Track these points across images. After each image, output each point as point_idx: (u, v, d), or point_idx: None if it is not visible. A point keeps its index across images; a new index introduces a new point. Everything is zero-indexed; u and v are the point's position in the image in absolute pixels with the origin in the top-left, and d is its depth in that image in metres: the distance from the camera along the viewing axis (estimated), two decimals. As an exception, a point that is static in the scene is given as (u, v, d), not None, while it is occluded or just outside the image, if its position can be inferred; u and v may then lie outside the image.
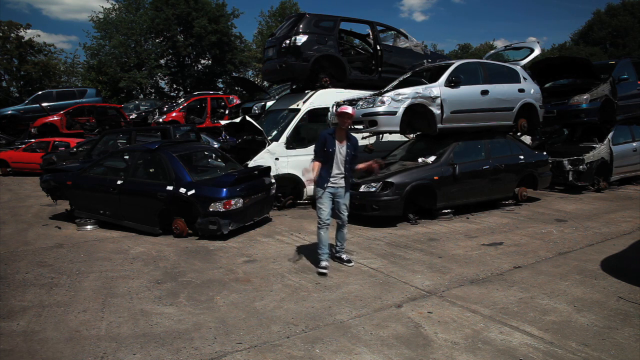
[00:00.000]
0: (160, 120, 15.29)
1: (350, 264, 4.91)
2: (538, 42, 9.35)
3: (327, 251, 4.78)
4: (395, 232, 6.39)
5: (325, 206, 4.73)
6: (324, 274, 4.61)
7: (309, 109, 8.50)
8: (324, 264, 4.71)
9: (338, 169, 4.73)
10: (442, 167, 7.06)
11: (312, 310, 3.77)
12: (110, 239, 6.27)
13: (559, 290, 4.09)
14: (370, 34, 10.07)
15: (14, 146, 15.61)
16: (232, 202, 5.98)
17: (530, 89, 8.46)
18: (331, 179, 4.74)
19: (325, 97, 8.60)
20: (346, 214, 4.92)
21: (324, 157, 4.71)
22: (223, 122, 10.88)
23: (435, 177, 6.92)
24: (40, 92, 20.25)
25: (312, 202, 8.39)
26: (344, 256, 5.01)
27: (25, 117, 18.09)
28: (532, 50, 9.11)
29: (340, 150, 4.71)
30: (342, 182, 4.80)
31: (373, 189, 6.69)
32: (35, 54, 32.81)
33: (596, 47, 42.37)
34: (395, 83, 8.26)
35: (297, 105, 8.57)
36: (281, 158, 8.00)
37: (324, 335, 3.33)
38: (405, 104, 6.96)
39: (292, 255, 5.34)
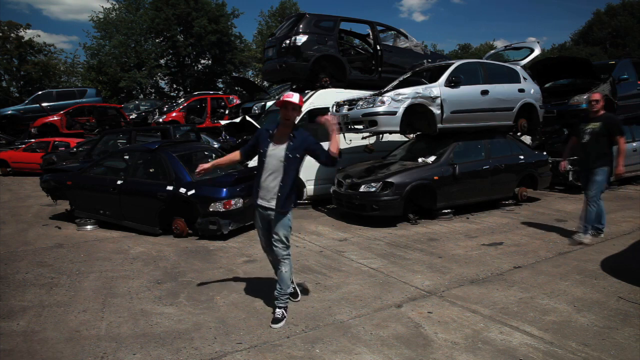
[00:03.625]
0: (160, 120, 15.29)
1: (277, 325, 3.43)
2: (538, 42, 9.34)
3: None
4: (395, 232, 6.39)
5: (260, 232, 3.61)
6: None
7: (309, 109, 8.50)
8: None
9: (269, 180, 3.43)
10: (442, 167, 7.05)
11: (312, 310, 3.77)
12: (110, 239, 6.27)
13: (559, 290, 4.09)
14: (370, 34, 10.08)
15: (14, 146, 15.61)
16: (232, 202, 5.98)
17: (530, 89, 8.46)
18: (260, 193, 3.47)
19: (325, 97, 8.60)
20: (280, 246, 3.47)
21: (257, 161, 3.49)
22: (223, 122, 10.89)
23: (435, 177, 6.92)
24: (40, 92, 20.27)
25: (313, 202, 8.41)
26: (277, 312, 3.51)
27: (25, 117, 18.10)
28: (532, 50, 9.11)
29: (274, 152, 3.41)
30: (272, 203, 3.42)
31: (373, 189, 6.69)
32: (35, 54, 32.86)
33: (596, 47, 42.38)
34: (395, 83, 8.26)
35: (297, 105, 8.56)
36: None
37: (324, 335, 3.33)
38: (405, 104, 6.96)
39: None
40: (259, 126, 8.12)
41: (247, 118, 8.29)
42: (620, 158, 5.51)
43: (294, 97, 3.40)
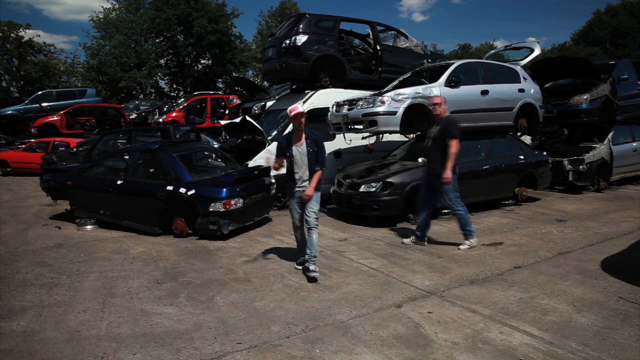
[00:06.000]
0: (160, 120, 15.28)
1: (314, 274, 4.46)
2: (538, 42, 9.34)
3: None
4: (395, 232, 6.38)
5: (295, 211, 4.68)
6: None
7: (309, 109, 8.49)
8: (301, 259, 4.82)
9: (302, 171, 4.54)
10: (442, 167, 7.04)
11: (312, 310, 3.77)
12: (110, 239, 6.27)
13: (559, 290, 4.09)
14: (370, 34, 10.07)
15: (14, 146, 15.60)
16: (232, 202, 5.98)
17: (530, 89, 8.46)
18: (297, 185, 4.59)
19: (325, 97, 8.60)
20: (313, 217, 4.52)
21: (287, 163, 4.60)
22: (223, 122, 10.88)
23: (435, 177, 6.90)
24: (40, 92, 20.24)
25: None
26: (310, 267, 4.53)
27: (25, 117, 18.08)
28: (532, 50, 9.10)
29: (299, 150, 4.52)
30: (306, 185, 4.57)
31: (373, 189, 6.69)
32: (35, 54, 32.82)
33: (596, 47, 42.35)
34: (395, 83, 8.25)
35: (297, 105, 8.56)
36: None
37: (324, 335, 3.33)
38: (405, 104, 6.96)
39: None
40: (258, 126, 8.11)
41: (247, 118, 8.27)
42: (448, 162, 5.13)
43: (300, 108, 4.46)
